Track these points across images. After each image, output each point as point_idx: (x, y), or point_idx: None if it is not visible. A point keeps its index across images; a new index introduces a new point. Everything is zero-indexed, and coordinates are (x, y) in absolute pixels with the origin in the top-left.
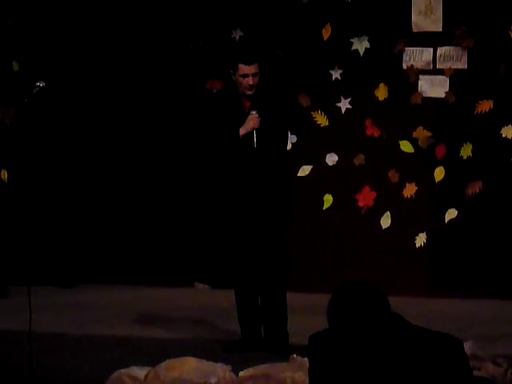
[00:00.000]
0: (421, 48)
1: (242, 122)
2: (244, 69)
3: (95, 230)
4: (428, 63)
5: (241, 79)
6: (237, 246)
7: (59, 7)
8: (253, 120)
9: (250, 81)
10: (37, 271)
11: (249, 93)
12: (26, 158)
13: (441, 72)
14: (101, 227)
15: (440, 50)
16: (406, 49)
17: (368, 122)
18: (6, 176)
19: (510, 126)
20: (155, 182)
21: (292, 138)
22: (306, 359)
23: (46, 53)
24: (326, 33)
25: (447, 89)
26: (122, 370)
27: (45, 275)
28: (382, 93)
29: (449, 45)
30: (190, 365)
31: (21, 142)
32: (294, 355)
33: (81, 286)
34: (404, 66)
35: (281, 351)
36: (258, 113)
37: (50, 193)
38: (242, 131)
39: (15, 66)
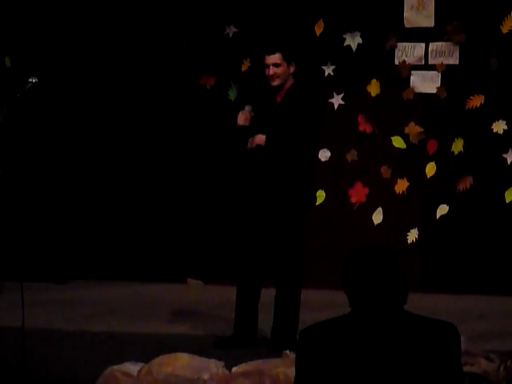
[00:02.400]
0: (413, 43)
1: (269, 114)
2: (265, 58)
3: (88, 226)
4: (420, 59)
5: (266, 70)
6: (245, 240)
7: (52, 3)
8: (239, 116)
9: (270, 71)
10: (30, 267)
11: (272, 84)
12: (18, 153)
13: (433, 67)
14: (94, 223)
15: (432, 46)
16: (398, 44)
17: (360, 118)
18: None
19: (501, 120)
20: (148, 178)
21: None
22: None
23: (39, 48)
24: (319, 28)
25: (439, 84)
26: (115, 366)
27: (38, 271)
28: (374, 88)
29: (441, 40)
30: (182, 361)
31: (13, 138)
32: (287, 351)
33: (74, 282)
34: (396, 62)
35: (287, 347)
36: (253, 109)
37: (43, 189)
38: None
39: (8, 62)
